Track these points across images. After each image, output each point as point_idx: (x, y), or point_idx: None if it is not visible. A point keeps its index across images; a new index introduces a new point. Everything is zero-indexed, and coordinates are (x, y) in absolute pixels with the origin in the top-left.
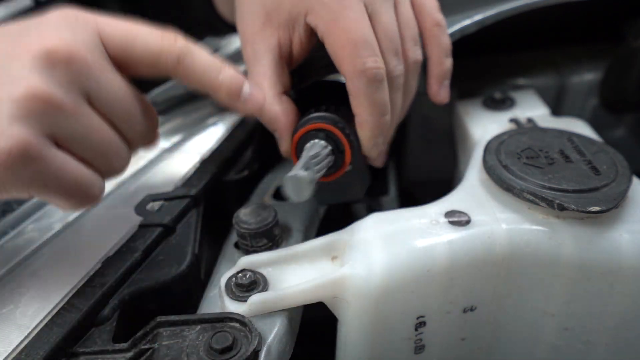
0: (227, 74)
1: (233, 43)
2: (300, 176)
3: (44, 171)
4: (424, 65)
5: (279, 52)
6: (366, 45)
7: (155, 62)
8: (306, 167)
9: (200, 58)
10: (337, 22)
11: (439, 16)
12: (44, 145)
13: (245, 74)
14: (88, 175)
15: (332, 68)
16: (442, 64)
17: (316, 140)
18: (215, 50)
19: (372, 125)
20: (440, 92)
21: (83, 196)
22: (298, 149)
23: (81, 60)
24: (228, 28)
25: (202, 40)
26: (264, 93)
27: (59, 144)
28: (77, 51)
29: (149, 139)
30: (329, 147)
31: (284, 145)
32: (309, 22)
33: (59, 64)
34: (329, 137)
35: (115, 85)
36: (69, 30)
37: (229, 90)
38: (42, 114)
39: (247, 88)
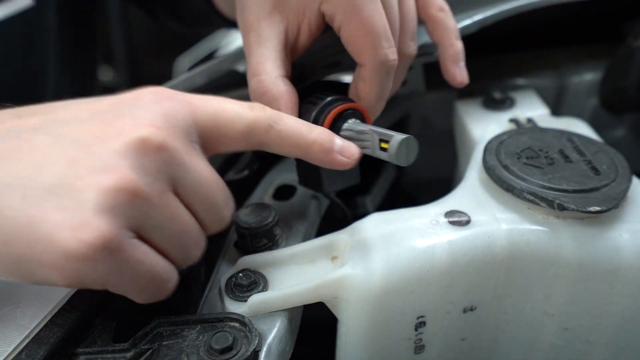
0: (317, 131)
1: (234, 42)
2: (409, 136)
3: (123, 265)
4: (426, 65)
5: (284, 39)
6: (387, 36)
7: (248, 134)
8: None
9: (290, 121)
10: (360, 12)
11: (442, 2)
12: (126, 238)
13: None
14: (165, 268)
15: (332, 68)
16: (453, 45)
17: (352, 120)
18: (216, 48)
19: (376, 109)
20: (457, 73)
21: (157, 290)
22: (335, 130)
23: (172, 148)
24: (226, 23)
25: (200, 34)
26: (355, 149)
27: (139, 235)
28: (170, 139)
29: (224, 225)
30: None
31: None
32: (324, 9)
33: (151, 152)
34: (355, 114)
35: (202, 172)
36: (162, 114)
37: (322, 146)
38: (129, 206)
39: (338, 141)
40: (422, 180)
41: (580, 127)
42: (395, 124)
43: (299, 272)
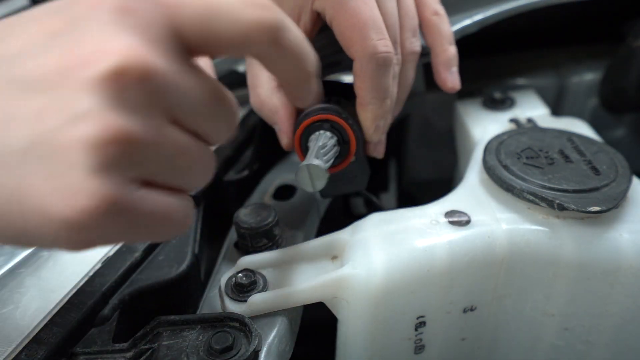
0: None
1: None
2: (316, 164)
3: (134, 220)
4: (426, 65)
5: None
6: (376, 27)
7: (245, 40)
8: (317, 157)
9: (297, 33)
10: (347, 4)
11: (437, 6)
12: (130, 192)
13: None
14: (179, 206)
15: (332, 68)
16: (446, 50)
17: (322, 131)
18: None
19: (375, 107)
20: (449, 78)
21: (177, 229)
22: (302, 142)
23: (157, 72)
24: None
25: None
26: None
27: (145, 181)
28: (152, 60)
29: (230, 133)
30: (335, 138)
31: (285, 138)
32: (316, 7)
33: (132, 85)
34: (333, 127)
35: (199, 87)
36: (133, 25)
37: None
38: (124, 156)
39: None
40: (422, 180)
41: (580, 127)
42: (395, 124)
43: (299, 272)
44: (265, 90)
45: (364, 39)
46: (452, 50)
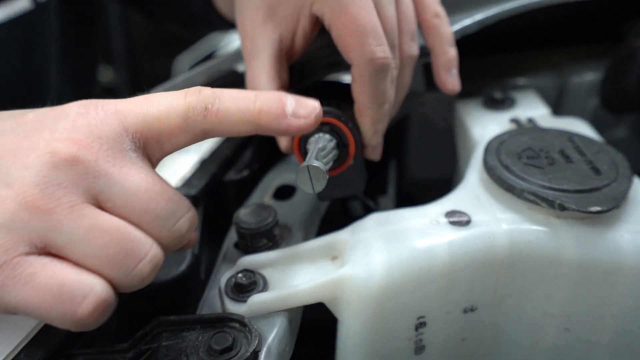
0: (263, 97)
1: (234, 42)
2: (316, 165)
3: (17, 281)
4: (426, 65)
5: (279, 46)
6: (375, 33)
7: (185, 125)
8: (317, 159)
9: (227, 97)
10: (346, 9)
11: (438, 8)
12: (21, 254)
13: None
14: (84, 284)
15: (332, 68)
16: (446, 52)
17: (321, 134)
18: (216, 49)
19: (373, 111)
20: (449, 80)
21: (71, 309)
22: (302, 144)
23: (87, 161)
24: (226, 24)
25: (201, 36)
26: (313, 103)
27: (51, 251)
28: (85, 152)
29: (183, 239)
30: (335, 141)
31: (284, 141)
32: (315, 11)
33: (61, 166)
34: (333, 130)
35: (134, 182)
36: (86, 126)
37: (270, 114)
38: (29, 220)
39: (290, 100)
40: (422, 180)
41: (581, 127)
42: (395, 125)
43: (299, 272)
44: (267, 82)
45: (362, 44)
46: (453, 52)
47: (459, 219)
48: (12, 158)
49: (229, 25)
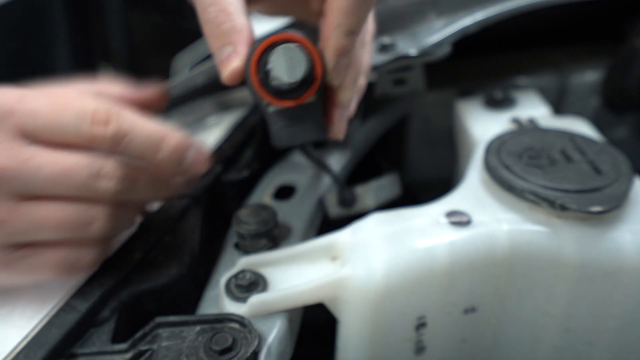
0: (166, 148)
1: None
2: (294, 46)
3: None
4: (427, 65)
5: None
6: None
7: (89, 146)
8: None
9: (138, 134)
10: None
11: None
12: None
13: None
14: (61, 259)
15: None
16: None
17: (291, 45)
18: None
19: (342, 34)
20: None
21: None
22: (260, 65)
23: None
24: None
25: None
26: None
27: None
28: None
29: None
30: (306, 57)
31: (238, 60)
32: None
33: None
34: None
35: (46, 169)
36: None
37: (171, 161)
38: None
39: (189, 156)
40: (422, 180)
41: (582, 127)
42: (395, 124)
43: (299, 272)
44: (234, 7)
45: None
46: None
47: (459, 219)
48: None
49: None
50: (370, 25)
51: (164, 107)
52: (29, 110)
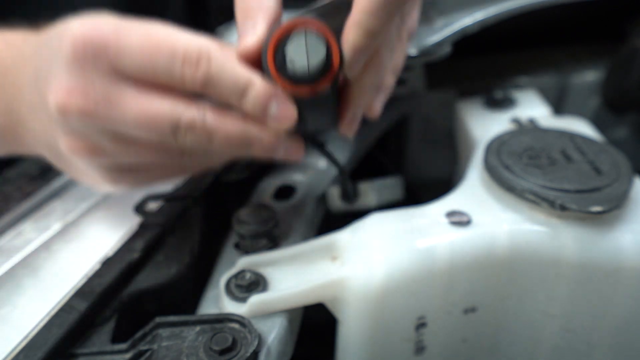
0: (252, 93)
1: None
2: (315, 32)
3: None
4: (427, 65)
5: None
6: None
7: (181, 86)
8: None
9: (226, 78)
10: None
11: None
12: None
13: None
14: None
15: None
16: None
17: (309, 32)
18: None
19: (365, 30)
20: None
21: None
22: (278, 49)
23: (89, 106)
24: None
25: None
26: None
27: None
28: (86, 98)
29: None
30: (325, 45)
31: (254, 36)
32: None
33: (71, 113)
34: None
35: (132, 115)
36: (79, 71)
37: (254, 107)
38: (89, 155)
39: (273, 107)
40: (422, 180)
41: (582, 127)
42: (395, 124)
43: (299, 272)
44: None
45: None
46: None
47: (459, 219)
48: (42, 104)
49: None
50: (412, 21)
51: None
52: (123, 47)
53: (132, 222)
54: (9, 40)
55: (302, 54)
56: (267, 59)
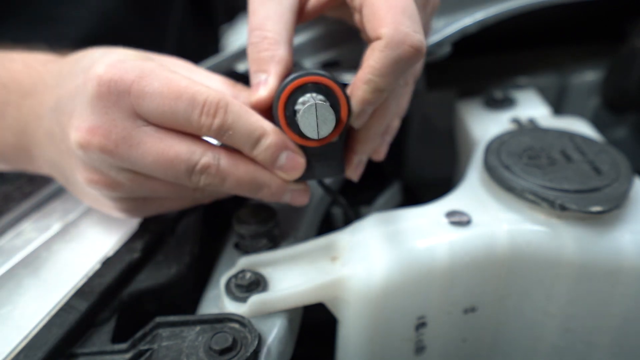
0: (264, 144)
1: (235, 41)
2: (325, 104)
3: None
4: (426, 64)
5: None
6: (414, 18)
7: (198, 132)
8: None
9: (240, 128)
10: None
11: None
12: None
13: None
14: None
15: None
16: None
17: (314, 94)
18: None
19: (373, 88)
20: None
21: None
22: (288, 105)
23: (110, 146)
24: None
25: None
26: (291, 146)
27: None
28: (107, 138)
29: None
30: (329, 106)
31: (266, 91)
32: None
33: (92, 150)
34: (328, 94)
35: (150, 157)
36: (102, 111)
37: (265, 156)
38: (106, 188)
39: (283, 157)
40: (423, 180)
41: (582, 127)
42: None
43: (299, 272)
44: (275, 35)
45: (398, 22)
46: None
47: (459, 219)
48: (64, 137)
49: None
50: (416, 68)
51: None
52: (145, 92)
53: (132, 222)
54: (29, 62)
55: (313, 124)
56: (278, 113)
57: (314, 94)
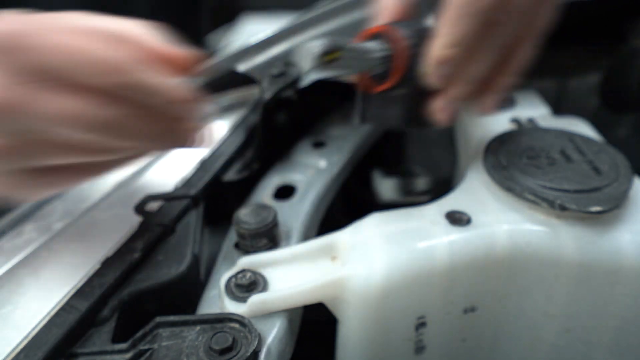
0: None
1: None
2: (308, 46)
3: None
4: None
5: None
6: None
7: (95, 92)
8: (332, 45)
9: (142, 93)
10: None
11: None
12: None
13: None
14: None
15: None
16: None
17: (371, 42)
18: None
19: (442, 45)
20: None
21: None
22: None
23: (15, 109)
24: None
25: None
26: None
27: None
28: (9, 100)
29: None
30: (384, 52)
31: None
32: None
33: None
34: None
35: (49, 115)
36: (3, 71)
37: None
38: (6, 156)
39: (185, 110)
40: (423, 180)
41: (581, 127)
42: None
43: (299, 272)
44: None
45: None
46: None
47: (459, 219)
48: None
49: None
50: (540, 19)
51: (192, 74)
52: (40, 48)
53: (132, 222)
54: None
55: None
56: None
57: (371, 42)
